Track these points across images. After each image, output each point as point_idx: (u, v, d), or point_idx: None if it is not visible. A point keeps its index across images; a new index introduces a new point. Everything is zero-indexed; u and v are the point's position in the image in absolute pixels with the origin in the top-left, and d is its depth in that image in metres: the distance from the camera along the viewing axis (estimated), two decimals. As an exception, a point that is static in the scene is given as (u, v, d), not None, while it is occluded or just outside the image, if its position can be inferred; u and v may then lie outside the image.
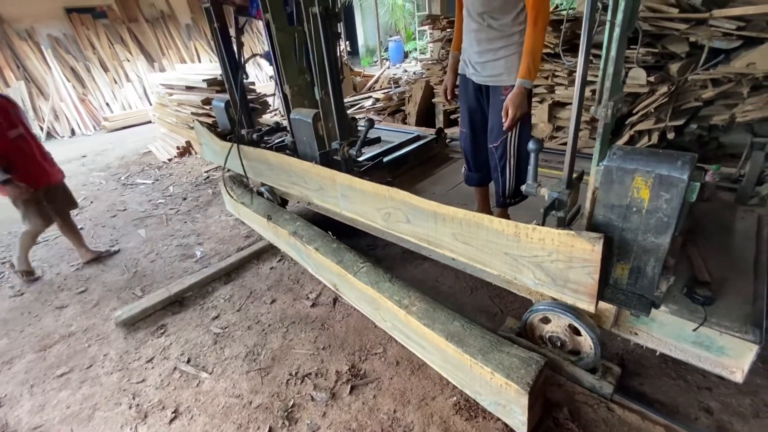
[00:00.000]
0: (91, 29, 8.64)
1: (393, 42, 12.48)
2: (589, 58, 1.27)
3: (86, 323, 2.55)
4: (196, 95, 5.30)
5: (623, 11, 1.12)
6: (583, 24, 1.26)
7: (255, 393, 1.92)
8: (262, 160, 2.87)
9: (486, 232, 1.60)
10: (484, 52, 1.99)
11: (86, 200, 4.58)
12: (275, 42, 2.50)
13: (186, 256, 3.19)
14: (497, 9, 1.87)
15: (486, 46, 1.97)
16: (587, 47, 1.28)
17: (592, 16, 1.24)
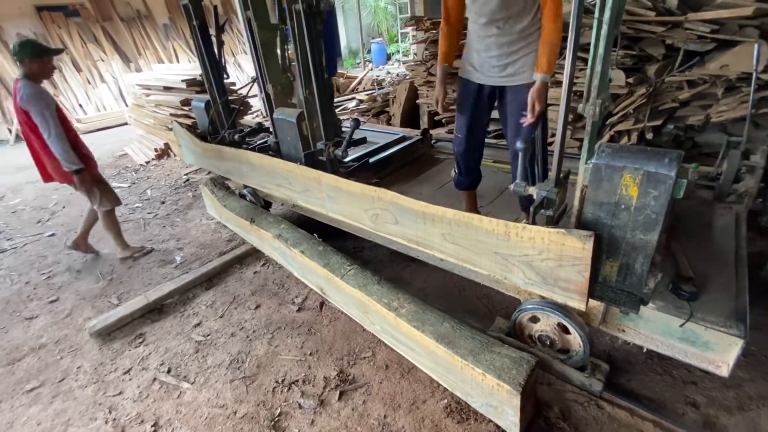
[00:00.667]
0: (63, 28, 8.33)
1: (376, 44, 12.50)
2: (576, 58, 1.28)
3: (58, 334, 2.42)
4: (175, 96, 5.17)
5: (611, 9, 1.12)
6: (571, 23, 1.27)
7: (240, 402, 1.85)
8: (244, 162, 2.79)
9: (476, 231, 1.58)
10: (504, 55, 1.96)
11: (58, 205, 4.39)
12: (257, 40, 2.45)
13: (165, 261, 3.08)
14: (517, 13, 1.85)
15: (507, 49, 1.94)
16: (574, 47, 1.29)
17: (579, 16, 1.24)
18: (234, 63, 10.20)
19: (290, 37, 2.27)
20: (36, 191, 4.88)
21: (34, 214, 4.23)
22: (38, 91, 2.49)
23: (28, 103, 2.45)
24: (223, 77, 3.12)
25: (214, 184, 3.31)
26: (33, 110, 2.46)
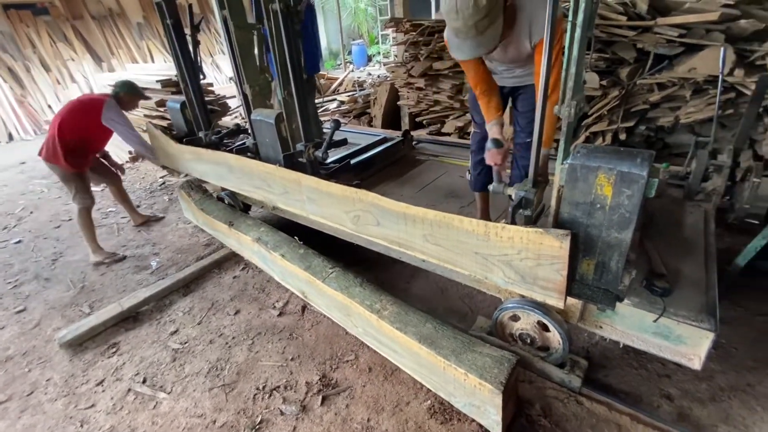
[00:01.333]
0: (32, 27, 8.01)
1: (356, 45, 12.48)
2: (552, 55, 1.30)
3: (26, 346, 2.31)
4: (150, 96, 5.02)
5: (583, 12, 1.14)
6: (545, 27, 1.29)
7: (219, 411, 1.81)
8: (222, 164, 2.73)
9: (456, 232, 1.59)
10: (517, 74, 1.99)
11: (25, 210, 4.20)
12: (233, 40, 2.40)
13: (140, 267, 2.98)
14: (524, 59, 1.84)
15: (518, 72, 1.97)
16: (550, 50, 1.31)
17: (554, 20, 1.27)
18: (212, 63, 10.01)
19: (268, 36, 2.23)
20: (2, 196, 4.66)
21: (0, 220, 4.03)
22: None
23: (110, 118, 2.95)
24: (200, 78, 3.05)
25: (191, 187, 3.23)
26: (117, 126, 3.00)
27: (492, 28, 1.53)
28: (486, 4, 1.46)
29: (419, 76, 4.59)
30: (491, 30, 1.53)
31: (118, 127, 2.99)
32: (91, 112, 2.92)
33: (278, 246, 2.35)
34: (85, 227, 3.03)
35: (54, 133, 2.85)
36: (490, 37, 1.55)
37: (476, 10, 1.46)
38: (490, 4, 1.46)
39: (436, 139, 3.96)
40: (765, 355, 1.84)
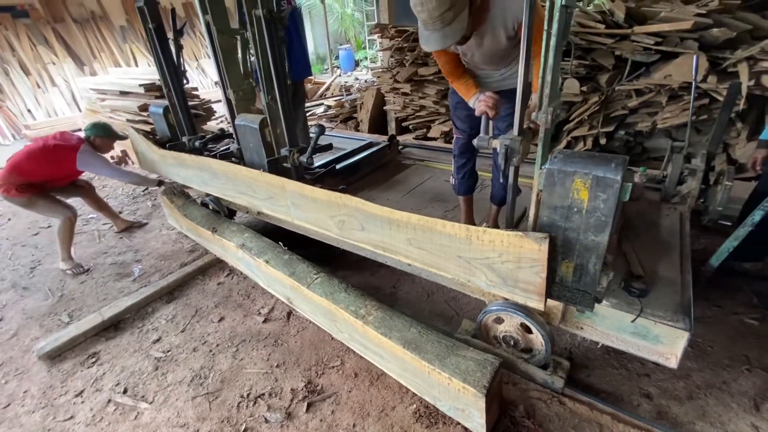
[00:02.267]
0: (11, 29, 7.82)
1: (344, 50, 12.51)
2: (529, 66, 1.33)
3: (2, 357, 2.24)
4: (132, 101, 4.95)
5: (557, 21, 1.17)
6: (523, 34, 1.32)
7: (202, 420, 1.78)
8: (206, 169, 2.71)
9: (439, 236, 1.61)
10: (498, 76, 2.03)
11: (2, 217, 4.09)
12: (216, 45, 2.39)
13: (122, 275, 2.92)
14: (502, 55, 1.89)
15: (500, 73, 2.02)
16: (527, 55, 1.34)
17: (531, 27, 1.30)
18: (197, 67, 9.91)
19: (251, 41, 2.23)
20: (-23, 203, 4.52)
21: (-25, 227, 3.91)
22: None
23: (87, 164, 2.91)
24: (183, 82, 3.02)
25: (174, 193, 3.19)
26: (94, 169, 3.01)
27: (458, 20, 1.54)
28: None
29: (405, 82, 4.63)
30: (457, 22, 1.54)
31: (100, 171, 3.01)
32: (59, 161, 2.82)
33: (263, 252, 2.34)
34: (62, 235, 2.94)
35: (6, 174, 2.74)
36: (456, 29, 1.56)
37: (440, 3, 1.48)
38: None
39: (421, 144, 4.00)
40: (740, 353, 1.90)
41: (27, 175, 2.77)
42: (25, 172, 2.76)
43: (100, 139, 2.99)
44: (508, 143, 1.47)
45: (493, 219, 2.40)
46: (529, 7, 1.25)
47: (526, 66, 1.32)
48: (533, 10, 1.26)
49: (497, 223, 2.38)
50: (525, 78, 1.34)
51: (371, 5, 12.65)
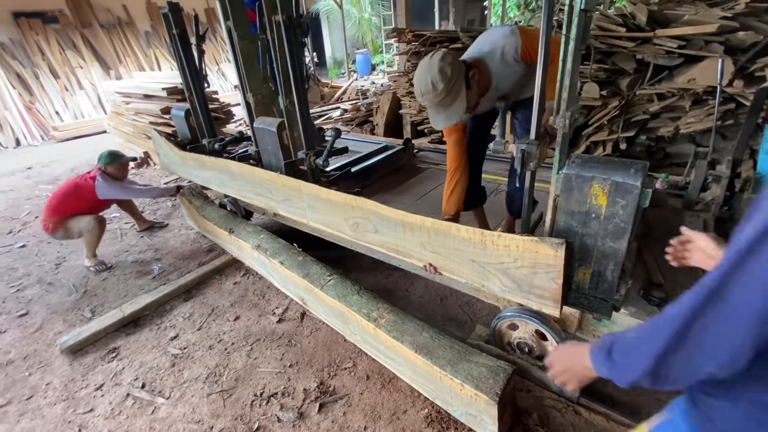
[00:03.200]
0: (41, 34, 8.17)
1: (360, 54, 12.62)
2: (547, 69, 1.32)
3: (27, 349, 2.32)
4: (155, 104, 5.10)
5: (576, 26, 1.16)
6: (541, 39, 1.31)
7: (216, 417, 1.81)
8: (224, 171, 2.77)
9: (453, 240, 1.60)
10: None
11: (30, 215, 4.25)
12: (237, 50, 2.45)
13: (142, 272, 3.00)
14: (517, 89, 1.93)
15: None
16: (545, 61, 1.33)
17: (548, 32, 1.29)
18: (217, 71, 10.15)
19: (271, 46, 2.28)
20: (7, 201, 4.72)
21: (5, 224, 4.08)
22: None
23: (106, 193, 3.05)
24: (204, 86, 3.10)
25: (192, 194, 3.26)
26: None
27: (457, 102, 1.67)
28: (444, 87, 1.60)
29: (421, 85, 4.63)
30: (456, 103, 1.67)
31: (119, 195, 3.14)
32: (85, 196, 3.01)
33: (277, 253, 2.37)
34: (90, 236, 3.04)
35: (46, 214, 2.97)
36: (456, 109, 1.69)
37: (436, 93, 1.62)
38: (448, 85, 1.61)
39: (437, 148, 3.99)
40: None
41: (60, 214, 2.96)
42: (59, 212, 2.96)
43: (111, 166, 3.09)
44: (524, 147, 1.46)
45: (507, 227, 2.37)
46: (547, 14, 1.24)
47: (543, 71, 1.31)
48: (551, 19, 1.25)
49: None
50: (542, 82, 1.33)
51: (389, 10, 12.73)
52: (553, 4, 1.22)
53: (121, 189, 3.11)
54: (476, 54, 1.84)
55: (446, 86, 1.61)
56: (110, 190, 3.04)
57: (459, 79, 1.64)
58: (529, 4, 10.04)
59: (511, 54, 1.77)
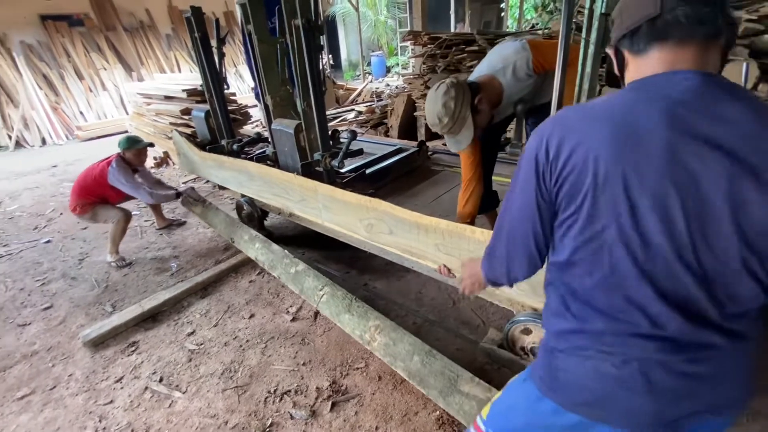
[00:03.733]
0: (67, 37, 8.44)
1: (376, 57, 12.68)
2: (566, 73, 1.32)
3: (51, 341, 2.41)
4: (175, 105, 5.22)
5: (597, 30, 1.16)
6: (560, 43, 1.31)
7: (231, 412, 1.85)
8: (242, 171, 2.82)
9: (468, 242, 1.60)
10: None
11: (55, 212, 4.39)
12: (257, 53, 2.50)
13: (161, 269, 3.08)
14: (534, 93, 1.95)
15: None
16: (564, 64, 1.33)
17: (568, 36, 1.29)
18: (235, 73, 10.33)
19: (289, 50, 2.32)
20: (34, 198, 4.89)
21: (31, 220, 4.23)
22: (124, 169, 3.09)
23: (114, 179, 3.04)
24: (224, 88, 3.17)
25: (190, 202, 3.28)
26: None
27: (465, 129, 1.77)
28: (449, 120, 1.72)
29: (436, 88, 4.64)
30: (464, 131, 1.78)
31: (123, 188, 3.09)
32: (101, 179, 3.06)
33: (273, 266, 2.42)
34: (114, 232, 3.15)
35: (71, 197, 3.10)
36: (465, 136, 1.79)
37: (443, 125, 1.75)
38: (453, 117, 1.71)
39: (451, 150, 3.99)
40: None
41: (84, 197, 3.07)
42: (82, 194, 3.07)
43: (129, 152, 3.09)
44: None
45: None
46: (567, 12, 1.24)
47: (561, 77, 1.31)
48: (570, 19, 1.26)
49: None
50: (561, 87, 1.33)
51: (404, 12, 12.77)
52: (572, 8, 1.22)
53: (126, 181, 3.06)
54: (487, 71, 1.88)
55: (451, 119, 1.72)
56: (118, 177, 3.01)
57: (464, 109, 1.72)
58: (546, 6, 9.94)
59: (523, 69, 1.82)
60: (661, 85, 0.67)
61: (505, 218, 0.85)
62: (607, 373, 0.73)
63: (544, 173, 0.73)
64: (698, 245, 0.64)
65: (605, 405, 0.75)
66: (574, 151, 0.68)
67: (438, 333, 2.22)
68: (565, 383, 0.78)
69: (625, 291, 0.70)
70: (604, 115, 0.69)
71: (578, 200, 0.69)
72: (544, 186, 0.74)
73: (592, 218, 0.69)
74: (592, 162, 0.67)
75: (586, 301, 0.74)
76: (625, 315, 0.71)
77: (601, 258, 0.70)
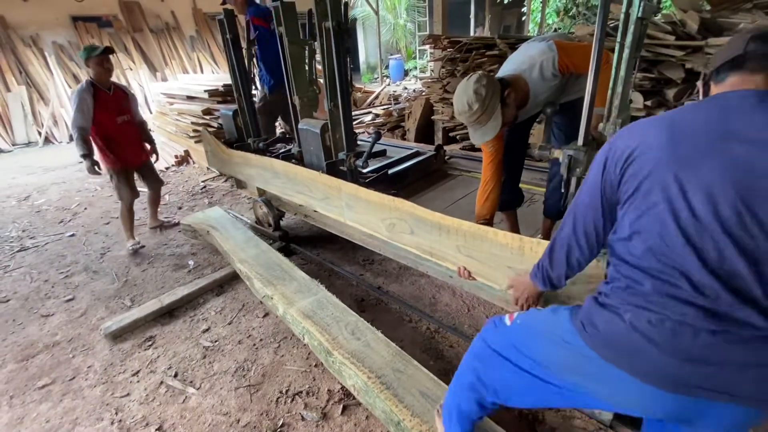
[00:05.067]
0: (96, 37, 8.72)
1: (394, 60, 12.71)
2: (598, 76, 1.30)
3: (72, 333, 2.47)
4: (197, 105, 5.33)
5: (632, 34, 1.14)
6: (594, 46, 1.28)
7: (243, 411, 1.85)
8: (268, 169, 2.84)
9: (490, 245, 1.58)
10: None
11: (80, 206, 4.52)
12: (287, 54, 2.54)
13: (179, 266, 3.13)
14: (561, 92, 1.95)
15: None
16: (597, 66, 1.30)
17: (602, 39, 1.27)
18: (256, 75, 10.46)
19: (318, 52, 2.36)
20: (60, 192, 5.05)
21: (57, 214, 4.37)
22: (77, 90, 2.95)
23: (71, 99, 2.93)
24: (251, 88, 3.24)
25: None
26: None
27: (492, 120, 1.76)
28: (479, 107, 1.70)
29: (455, 92, 4.61)
30: (491, 122, 1.77)
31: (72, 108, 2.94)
32: None
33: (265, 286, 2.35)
34: (123, 218, 3.28)
35: None
36: (491, 127, 1.78)
37: (471, 113, 1.73)
38: (483, 105, 1.70)
39: (468, 155, 3.96)
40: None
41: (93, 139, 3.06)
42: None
43: (90, 62, 2.89)
44: (572, 153, 1.43)
45: (545, 232, 2.33)
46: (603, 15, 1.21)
47: (594, 77, 1.29)
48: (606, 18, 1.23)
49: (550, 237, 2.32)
50: (593, 89, 1.30)
51: (424, 16, 12.78)
52: (608, 12, 1.19)
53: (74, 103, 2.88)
54: (513, 70, 1.89)
55: (481, 106, 1.71)
56: (74, 97, 2.88)
57: (494, 99, 1.72)
58: (569, 10, 9.81)
59: (549, 69, 1.82)
60: (723, 97, 0.82)
61: (573, 210, 1.04)
62: (642, 328, 0.82)
63: (610, 166, 0.90)
64: (748, 224, 0.73)
65: (632, 356, 0.84)
66: (638, 144, 0.85)
67: (452, 339, 2.19)
68: (603, 331, 0.88)
69: (672, 257, 0.80)
70: (665, 117, 0.87)
71: (638, 180, 0.84)
72: (609, 177, 0.91)
73: (648, 195, 0.82)
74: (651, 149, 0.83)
75: (637, 265, 0.86)
76: (671, 278, 0.80)
77: (654, 227, 0.82)
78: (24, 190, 5.19)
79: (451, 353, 2.10)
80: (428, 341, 2.19)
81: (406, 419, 1.50)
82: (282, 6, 2.45)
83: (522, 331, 1.08)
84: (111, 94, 3.08)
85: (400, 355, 1.82)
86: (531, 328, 1.07)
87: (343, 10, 2.14)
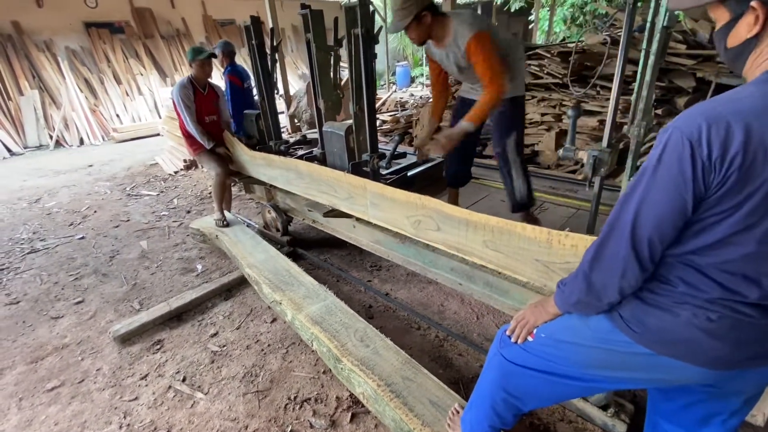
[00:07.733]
0: (108, 43, 8.88)
1: (401, 67, 12.80)
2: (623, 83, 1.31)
3: (81, 335, 2.48)
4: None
5: (658, 41, 1.15)
6: (620, 53, 1.29)
7: (251, 417, 1.85)
8: (292, 169, 2.86)
9: (518, 239, 1.57)
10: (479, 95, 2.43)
11: (89, 209, 4.57)
12: (314, 60, 2.60)
13: (187, 270, 3.14)
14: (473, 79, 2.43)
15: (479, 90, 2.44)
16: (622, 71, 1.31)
17: (627, 47, 1.28)
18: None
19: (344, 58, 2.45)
20: (70, 195, 5.11)
21: (67, 216, 4.41)
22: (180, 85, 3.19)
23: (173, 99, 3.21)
24: (275, 92, 3.28)
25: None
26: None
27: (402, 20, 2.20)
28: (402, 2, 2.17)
29: (463, 99, 4.62)
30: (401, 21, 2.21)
31: (177, 106, 3.18)
32: None
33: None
34: (215, 190, 3.36)
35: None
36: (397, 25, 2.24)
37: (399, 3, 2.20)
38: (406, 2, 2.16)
39: (476, 162, 3.95)
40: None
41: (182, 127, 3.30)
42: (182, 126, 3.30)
43: (194, 64, 3.14)
44: (596, 154, 1.45)
45: None
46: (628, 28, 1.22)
47: (619, 84, 1.30)
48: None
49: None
50: (617, 96, 1.31)
51: (431, 24, 12.84)
52: (633, 20, 1.21)
53: (178, 98, 3.11)
54: (454, 13, 2.30)
55: (404, 2, 2.17)
56: (175, 95, 3.11)
57: (414, 7, 2.15)
58: (576, 19, 9.84)
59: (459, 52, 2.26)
60: None
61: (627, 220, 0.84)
62: (700, 324, 0.83)
63: (706, 172, 0.73)
64: None
65: (687, 346, 0.86)
66: (745, 143, 0.70)
67: (461, 348, 2.17)
68: (654, 328, 0.88)
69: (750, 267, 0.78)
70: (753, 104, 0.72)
71: (751, 188, 0.72)
72: (702, 185, 0.75)
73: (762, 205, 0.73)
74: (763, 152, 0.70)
75: (707, 274, 0.82)
76: (739, 287, 0.80)
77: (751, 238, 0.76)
78: (35, 193, 5.26)
79: (460, 362, 2.08)
80: (437, 349, 2.18)
81: (417, 428, 1.49)
82: (311, 14, 2.53)
83: (550, 344, 1.09)
84: (205, 94, 3.31)
85: (409, 363, 1.82)
86: (560, 340, 1.08)
87: (372, 18, 2.23)
